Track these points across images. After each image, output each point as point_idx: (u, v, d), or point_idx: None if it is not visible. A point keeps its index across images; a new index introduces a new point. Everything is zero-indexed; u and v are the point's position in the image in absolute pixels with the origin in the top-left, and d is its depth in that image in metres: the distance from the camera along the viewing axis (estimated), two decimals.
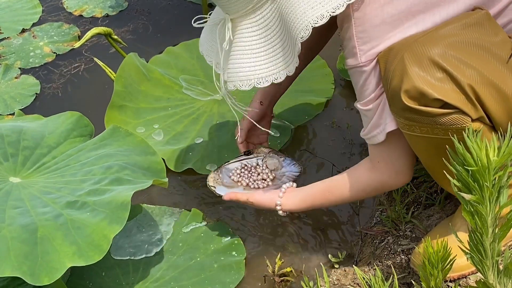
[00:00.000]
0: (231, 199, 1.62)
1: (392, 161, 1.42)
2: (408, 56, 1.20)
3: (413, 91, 1.18)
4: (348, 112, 2.11)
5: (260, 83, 1.34)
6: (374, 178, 1.46)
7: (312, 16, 1.22)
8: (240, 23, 1.34)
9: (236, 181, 1.67)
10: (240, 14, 1.33)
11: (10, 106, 2.25)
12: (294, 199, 1.57)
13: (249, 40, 1.33)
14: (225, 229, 1.77)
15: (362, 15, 1.27)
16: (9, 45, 2.54)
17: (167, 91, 2.20)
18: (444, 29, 1.22)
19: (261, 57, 1.33)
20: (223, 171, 1.69)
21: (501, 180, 1.04)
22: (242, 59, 1.34)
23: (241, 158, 1.71)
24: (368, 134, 1.39)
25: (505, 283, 1.14)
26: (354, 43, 1.29)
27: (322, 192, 1.55)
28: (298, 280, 1.61)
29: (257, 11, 1.31)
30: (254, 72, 1.34)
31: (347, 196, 1.51)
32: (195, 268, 1.67)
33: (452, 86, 1.18)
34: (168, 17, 2.66)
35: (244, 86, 1.34)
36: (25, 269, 1.28)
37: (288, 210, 1.58)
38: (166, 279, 1.64)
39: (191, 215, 1.82)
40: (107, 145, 1.65)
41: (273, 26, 1.31)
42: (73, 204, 1.43)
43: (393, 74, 1.22)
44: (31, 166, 1.60)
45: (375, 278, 1.29)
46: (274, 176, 1.67)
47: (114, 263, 1.68)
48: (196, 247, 1.73)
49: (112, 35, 2.18)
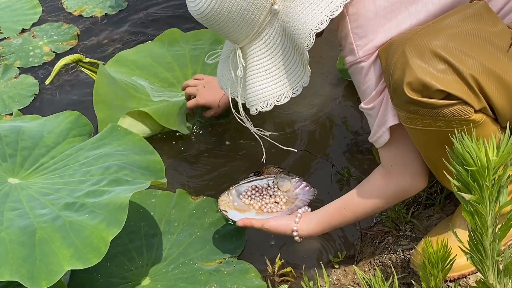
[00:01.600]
0: (246, 225, 1.60)
1: (405, 163, 1.40)
2: (409, 49, 1.20)
3: (415, 83, 1.19)
4: (348, 112, 2.10)
5: (280, 100, 1.41)
6: (390, 184, 1.43)
7: (313, 23, 1.26)
8: (249, 49, 1.40)
9: (247, 204, 1.65)
10: (246, 41, 1.39)
11: (8, 106, 2.25)
12: (310, 223, 1.54)
13: (260, 63, 1.39)
14: (214, 203, 1.81)
15: (356, 11, 1.29)
16: (8, 45, 2.53)
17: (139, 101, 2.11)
18: (444, 21, 1.23)
19: (275, 75, 1.39)
20: (233, 192, 1.67)
21: (501, 180, 1.04)
22: (258, 81, 1.40)
23: (251, 179, 1.68)
24: (375, 136, 1.38)
25: (505, 283, 1.14)
26: (351, 39, 1.31)
27: (338, 210, 1.51)
28: (298, 280, 1.61)
29: (261, 33, 1.38)
30: (272, 91, 1.40)
31: (365, 209, 1.48)
32: (198, 242, 1.71)
33: (455, 77, 1.18)
34: (168, 17, 2.65)
35: (265, 107, 1.41)
36: (23, 273, 1.28)
37: (306, 235, 1.55)
38: (174, 256, 1.67)
39: (177, 195, 1.84)
40: (106, 144, 1.65)
41: (279, 43, 1.37)
42: (72, 206, 1.42)
43: (395, 67, 1.22)
44: (29, 167, 1.59)
45: (375, 278, 1.29)
46: (287, 199, 1.64)
47: (116, 253, 1.68)
48: (192, 223, 1.76)
49: (82, 60, 2.12)
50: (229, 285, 1.59)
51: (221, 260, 1.67)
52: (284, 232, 1.56)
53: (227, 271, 1.63)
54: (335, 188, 1.84)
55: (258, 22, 1.35)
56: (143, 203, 1.82)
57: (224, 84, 1.58)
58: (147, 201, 1.83)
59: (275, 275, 1.62)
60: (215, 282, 1.59)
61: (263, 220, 1.57)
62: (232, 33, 1.38)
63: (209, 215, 1.78)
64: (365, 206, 1.47)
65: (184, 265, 1.65)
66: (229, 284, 1.59)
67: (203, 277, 1.61)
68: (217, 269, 1.63)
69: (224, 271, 1.63)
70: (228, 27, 1.36)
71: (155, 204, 1.82)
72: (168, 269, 1.64)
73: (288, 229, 1.55)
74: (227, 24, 1.35)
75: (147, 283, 1.61)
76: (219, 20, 1.35)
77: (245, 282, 1.60)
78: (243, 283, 1.60)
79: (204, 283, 1.59)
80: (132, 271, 1.64)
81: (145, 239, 1.73)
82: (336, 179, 1.86)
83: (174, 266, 1.65)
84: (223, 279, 1.60)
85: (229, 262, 1.66)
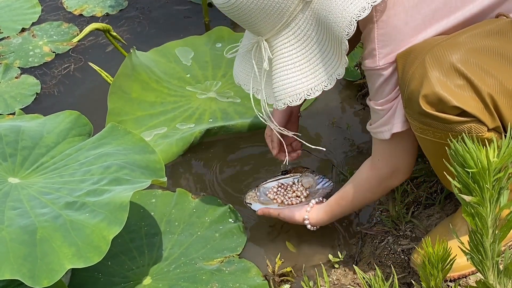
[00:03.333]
0: (264, 214, 1.68)
1: (391, 159, 1.43)
2: (429, 60, 1.18)
3: (432, 96, 1.17)
4: (348, 112, 2.11)
5: (311, 94, 1.34)
6: (373, 176, 1.48)
7: (354, 10, 1.20)
8: (275, 41, 1.34)
9: (272, 199, 1.73)
10: (273, 32, 1.33)
11: (10, 105, 2.25)
12: (319, 213, 1.62)
13: (289, 55, 1.33)
14: (214, 201, 1.83)
15: (386, 18, 1.25)
16: (8, 44, 2.53)
17: (159, 95, 2.18)
18: (466, 34, 1.20)
19: (305, 68, 1.33)
20: (260, 189, 1.76)
21: (501, 182, 1.04)
22: (287, 75, 1.33)
23: (278, 177, 1.78)
24: (375, 129, 1.39)
25: (505, 283, 1.14)
26: (375, 45, 1.27)
27: (337, 201, 1.58)
28: (298, 280, 1.61)
29: (291, 24, 1.31)
30: (302, 84, 1.33)
31: (357, 200, 1.55)
32: (199, 241, 1.72)
33: (472, 94, 1.17)
34: (168, 17, 2.65)
35: (294, 101, 1.34)
36: (24, 271, 1.28)
37: (315, 224, 1.63)
38: (175, 256, 1.68)
39: (177, 195, 1.85)
40: (105, 144, 1.65)
41: (312, 34, 1.31)
42: (72, 205, 1.42)
43: (412, 76, 1.20)
44: (29, 166, 1.59)
45: (375, 278, 1.29)
46: (308, 193, 1.73)
47: (116, 252, 1.68)
48: (192, 222, 1.78)
49: (110, 31, 2.17)
50: (231, 285, 1.59)
51: (222, 259, 1.67)
52: (297, 220, 1.63)
53: (228, 271, 1.63)
54: (336, 188, 1.84)
55: (289, 11, 1.29)
56: (143, 203, 1.83)
57: (243, 80, 1.52)
58: (147, 201, 1.84)
59: (275, 275, 1.62)
60: (216, 281, 1.60)
61: (279, 209, 1.66)
62: (259, 23, 1.31)
63: (209, 213, 1.79)
64: (357, 196, 1.54)
65: (185, 264, 1.65)
66: (230, 283, 1.59)
67: (204, 276, 1.61)
68: (219, 269, 1.63)
69: (226, 270, 1.63)
70: (256, 17, 1.29)
71: (155, 204, 1.83)
72: (170, 268, 1.64)
73: (300, 217, 1.62)
74: (256, 14, 1.29)
75: (148, 282, 1.61)
76: (247, 9, 1.28)
77: (247, 281, 1.60)
78: (245, 282, 1.60)
79: (206, 283, 1.59)
80: (133, 270, 1.64)
81: (146, 238, 1.73)
82: (336, 179, 1.86)
83: (175, 265, 1.65)
84: (224, 278, 1.61)
85: (230, 261, 1.66)
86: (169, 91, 2.20)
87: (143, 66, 2.22)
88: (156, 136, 2.03)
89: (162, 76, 2.24)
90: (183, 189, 1.87)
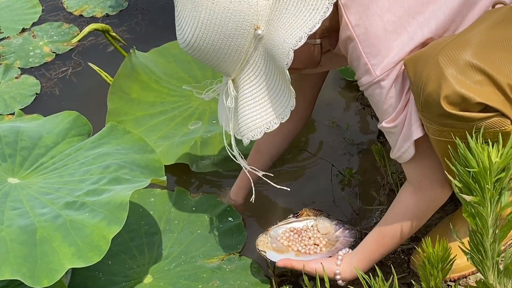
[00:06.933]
0: (286, 266, 1.52)
1: (433, 174, 1.36)
2: (443, 60, 1.16)
3: (453, 96, 1.14)
4: (348, 112, 2.11)
5: (270, 127, 1.36)
6: (421, 199, 1.39)
7: (292, 41, 1.24)
8: (240, 79, 1.36)
9: (286, 245, 1.60)
10: (236, 71, 1.35)
11: (10, 106, 2.25)
12: (351, 264, 1.46)
13: (250, 91, 1.35)
14: (213, 200, 1.83)
15: (364, 30, 1.25)
16: (9, 44, 2.54)
17: (158, 95, 2.18)
18: (473, 31, 1.19)
19: (264, 102, 1.35)
20: (271, 234, 1.62)
21: (503, 182, 1.04)
22: (248, 110, 1.36)
23: (289, 220, 1.64)
24: (399, 152, 1.33)
25: (505, 283, 1.14)
26: (364, 59, 1.26)
27: (376, 241, 1.46)
28: (298, 280, 1.61)
29: (249, 61, 1.34)
30: (262, 118, 1.36)
31: (404, 232, 1.43)
32: (199, 240, 1.72)
33: (491, 88, 1.15)
34: (168, 17, 2.64)
35: (256, 135, 1.36)
36: (24, 271, 1.28)
37: (348, 278, 1.48)
38: (175, 254, 1.68)
39: (176, 193, 1.85)
40: (105, 143, 1.65)
41: (266, 69, 1.33)
42: (72, 205, 1.42)
43: (427, 79, 1.17)
44: (29, 167, 1.59)
45: (375, 278, 1.29)
46: (327, 241, 1.59)
47: (117, 251, 1.68)
48: (191, 221, 1.78)
49: (110, 32, 2.17)
50: (232, 282, 1.59)
51: (223, 256, 1.67)
52: (327, 275, 1.45)
53: (229, 268, 1.63)
54: (336, 188, 1.84)
55: (244, 49, 1.31)
56: (142, 202, 1.83)
57: (224, 120, 1.50)
58: (146, 200, 1.84)
59: (275, 275, 1.62)
60: (217, 279, 1.60)
61: (304, 262, 1.50)
62: (221, 63, 1.34)
63: (208, 212, 1.79)
64: (404, 228, 1.42)
65: (186, 262, 1.65)
66: (231, 281, 1.60)
67: (205, 274, 1.61)
68: (219, 266, 1.64)
69: (226, 268, 1.63)
70: (216, 57, 1.33)
71: (155, 203, 1.83)
72: (170, 267, 1.64)
73: (331, 272, 1.48)
74: (214, 54, 1.32)
75: (149, 281, 1.61)
76: (205, 50, 1.32)
77: (248, 278, 1.61)
78: (246, 279, 1.60)
79: (207, 281, 1.60)
80: (134, 269, 1.65)
81: (146, 237, 1.73)
82: (336, 179, 1.86)
83: (176, 264, 1.65)
84: (225, 276, 1.61)
85: (231, 259, 1.66)
86: (169, 91, 2.20)
87: (143, 66, 2.22)
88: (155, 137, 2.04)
89: (162, 76, 2.24)
90: (182, 188, 1.88)
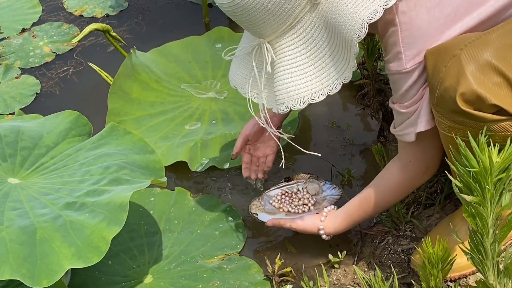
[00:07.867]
0: (274, 225, 1.63)
1: (424, 159, 1.41)
2: (465, 57, 1.16)
3: (469, 94, 1.14)
4: (348, 112, 2.11)
5: (315, 98, 1.31)
6: (406, 178, 1.46)
7: (366, 13, 1.19)
8: (279, 43, 1.31)
9: (277, 208, 1.68)
10: (276, 34, 1.30)
11: (10, 105, 2.25)
12: (335, 221, 1.57)
13: (293, 57, 1.30)
14: (213, 200, 1.84)
15: (408, 20, 1.24)
16: (9, 44, 2.54)
17: (159, 95, 2.19)
18: (497, 32, 1.19)
19: (310, 71, 1.30)
20: (264, 198, 1.71)
21: (503, 183, 1.04)
22: (291, 77, 1.31)
23: (281, 185, 1.72)
24: (401, 132, 1.37)
25: (505, 283, 1.14)
26: (400, 48, 1.25)
27: (359, 206, 1.54)
28: (298, 280, 1.61)
29: (296, 26, 1.29)
30: (306, 88, 1.31)
31: (383, 202, 1.52)
32: (199, 239, 1.73)
33: (509, 92, 1.15)
34: (168, 17, 2.66)
35: (298, 105, 1.32)
36: (24, 272, 1.28)
37: (331, 233, 1.59)
38: (176, 254, 1.69)
39: (176, 193, 1.86)
40: (105, 144, 1.65)
41: (318, 36, 1.28)
42: (72, 205, 1.42)
43: (447, 73, 1.17)
44: (29, 167, 1.59)
45: (375, 278, 1.29)
46: (315, 200, 1.68)
47: (117, 251, 1.69)
48: (191, 221, 1.78)
49: (110, 32, 2.17)
50: (232, 282, 1.60)
51: (223, 256, 1.68)
52: (311, 230, 1.59)
53: (229, 268, 1.64)
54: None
55: (295, 13, 1.26)
56: (142, 202, 1.83)
57: (240, 83, 1.48)
58: (146, 200, 1.84)
59: (275, 275, 1.62)
60: (217, 279, 1.60)
61: (291, 220, 1.61)
62: (263, 25, 1.28)
63: (208, 212, 1.80)
64: (385, 199, 1.51)
65: (186, 262, 1.66)
66: (231, 280, 1.60)
67: (205, 274, 1.62)
68: (219, 266, 1.64)
69: (227, 268, 1.64)
70: (261, 18, 1.26)
71: (154, 203, 1.84)
72: (170, 266, 1.65)
73: (315, 227, 1.58)
74: (260, 15, 1.25)
75: (149, 280, 1.61)
76: (252, 9, 1.24)
77: (248, 278, 1.61)
78: (246, 279, 1.61)
79: (207, 280, 1.60)
80: (134, 269, 1.65)
81: (146, 237, 1.73)
82: (336, 179, 1.86)
83: (176, 263, 1.65)
84: (225, 276, 1.61)
85: (231, 258, 1.67)
86: (169, 91, 2.20)
87: (143, 66, 2.22)
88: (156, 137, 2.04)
89: (162, 76, 2.24)
90: (182, 188, 1.88)
